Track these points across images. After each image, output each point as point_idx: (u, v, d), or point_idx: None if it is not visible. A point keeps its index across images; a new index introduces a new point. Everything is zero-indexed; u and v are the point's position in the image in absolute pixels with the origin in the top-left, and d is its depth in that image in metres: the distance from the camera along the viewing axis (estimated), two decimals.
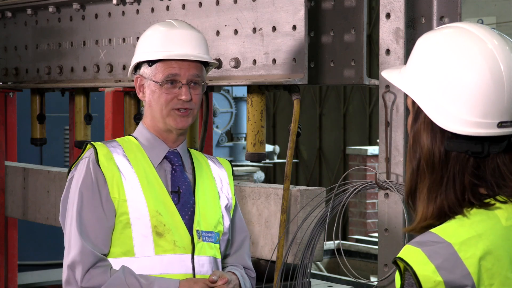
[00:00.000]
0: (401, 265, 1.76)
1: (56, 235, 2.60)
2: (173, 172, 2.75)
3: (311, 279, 3.51)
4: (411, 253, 1.76)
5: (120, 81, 4.10)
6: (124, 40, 4.09)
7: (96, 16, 4.25)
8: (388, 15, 3.02)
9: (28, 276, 6.64)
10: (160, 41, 2.73)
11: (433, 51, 1.83)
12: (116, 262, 2.63)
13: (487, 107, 1.77)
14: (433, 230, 1.80)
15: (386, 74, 1.96)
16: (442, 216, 1.82)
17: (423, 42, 1.88)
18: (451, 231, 1.78)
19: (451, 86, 1.79)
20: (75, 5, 4.29)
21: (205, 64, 2.78)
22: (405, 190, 1.92)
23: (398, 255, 1.78)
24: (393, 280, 2.99)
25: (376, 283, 3.05)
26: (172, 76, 2.69)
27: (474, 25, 1.84)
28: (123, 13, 4.09)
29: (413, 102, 1.87)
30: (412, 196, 1.89)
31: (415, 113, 1.87)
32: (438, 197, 1.82)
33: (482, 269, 1.74)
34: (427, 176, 1.84)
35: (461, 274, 1.73)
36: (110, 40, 4.17)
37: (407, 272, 1.75)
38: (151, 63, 2.72)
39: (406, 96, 2.96)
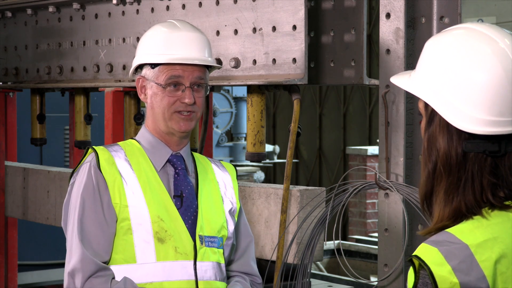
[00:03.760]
0: (417, 263, 1.76)
1: (56, 235, 2.60)
2: (176, 176, 2.71)
3: (311, 279, 3.51)
4: (428, 252, 1.76)
5: (120, 81, 4.10)
6: (124, 40, 4.09)
7: (96, 16, 4.25)
8: (388, 15, 3.02)
9: (28, 276, 6.64)
10: (163, 43, 2.69)
11: (445, 53, 1.83)
12: (117, 269, 2.60)
13: (503, 106, 1.78)
14: (449, 230, 1.80)
15: (396, 80, 1.96)
16: (458, 217, 1.83)
17: (433, 45, 1.87)
18: (468, 232, 1.78)
19: (466, 87, 1.79)
20: (75, 5, 4.29)
21: (208, 66, 2.75)
22: (420, 195, 1.91)
23: (414, 253, 1.77)
24: (393, 280, 2.99)
25: (376, 283, 3.05)
26: (175, 78, 2.66)
27: (484, 25, 1.85)
28: (123, 13, 4.09)
29: (426, 106, 1.87)
30: (427, 200, 1.89)
31: (429, 116, 1.87)
32: (455, 199, 1.83)
33: (497, 273, 1.75)
34: (444, 179, 1.84)
35: (476, 277, 1.73)
36: (110, 40, 4.17)
37: (422, 271, 1.75)
38: (153, 65, 2.69)
39: (407, 98, 2.97)
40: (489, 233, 1.78)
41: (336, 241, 3.86)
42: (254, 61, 3.44)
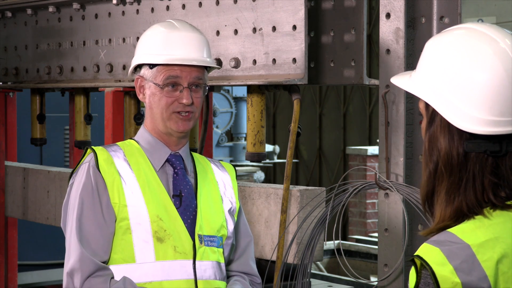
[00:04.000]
0: (418, 263, 1.76)
1: (56, 235, 2.60)
2: (175, 175, 2.71)
3: (311, 279, 3.51)
4: (429, 252, 1.76)
5: (120, 81, 4.10)
6: (124, 40, 4.09)
7: (96, 16, 4.25)
8: (388, 15, 3.02)
9: (28, 276, 6.64)
10: (162, 43, 2.69)
11: (446, 53, 1.83)
12: (117, 269, 2.59)
13: (503, 105, 1.79)
14: (450, 230, 1.80)
15: (396, 80, 1.96)
16: (459, 217, 1.83)
17: (434, 45, 1.87)
18: (469, 232, 1.79)
19: (467, 87, 1.79)
20: (75, 5, 4.29)
21: (207, 66, 2.75)
22: (421, 195, 1.91)
23: (416, 253, 1.78)
24: (393, 280, 2.99)
25: (376, 283, 3.05)
26: (173, 78, 2.66)
27: (484, 25, 1.85)
28: (123, 13, 4.09)
29: (427, 106, 1.87)
30: (429, 201, 1.89)
31: (430, 116, 1.87)
32: (456, 198, 1.83)
33: (499, 272, 1.75)
34: (445, 179, 1.84)
35: (478, 277, 1.73)
36: (110, 40, 4.17)
37: (424, 271, 1.75)
38: (152, 65, 2.69)
39: (407, 98, 2.97)
40: (491, 233, 1.78)
41: (336, 241, 3.86)
42: (254, 61, 3.44)
